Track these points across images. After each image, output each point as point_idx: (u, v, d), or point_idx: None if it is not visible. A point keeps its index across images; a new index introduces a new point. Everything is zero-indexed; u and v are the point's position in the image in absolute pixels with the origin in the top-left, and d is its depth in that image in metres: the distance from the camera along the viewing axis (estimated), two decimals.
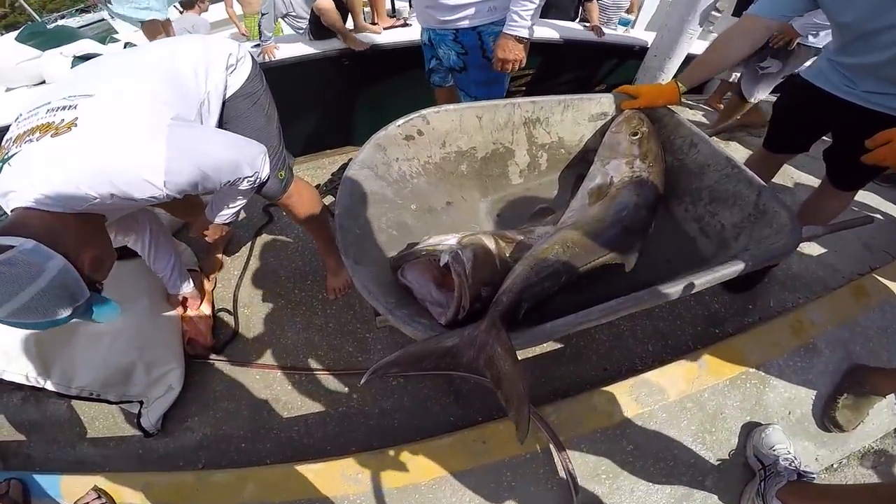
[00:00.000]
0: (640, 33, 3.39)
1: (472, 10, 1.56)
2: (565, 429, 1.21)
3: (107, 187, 0.85)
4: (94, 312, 0.90)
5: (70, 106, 0.87)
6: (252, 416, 1.54)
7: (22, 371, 1.35)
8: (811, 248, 1.84)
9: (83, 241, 0.88)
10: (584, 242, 1.10)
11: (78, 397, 1.44)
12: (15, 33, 4.27)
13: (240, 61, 1.19)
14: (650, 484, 1.18)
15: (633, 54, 3.15)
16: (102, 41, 4.06)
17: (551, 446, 1.17)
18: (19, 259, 0.75)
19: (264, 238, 2.04)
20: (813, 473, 1.10)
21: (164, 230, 1.49)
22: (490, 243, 1.04)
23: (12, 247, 0.75)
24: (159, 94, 0.97)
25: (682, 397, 1.26)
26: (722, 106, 2.83)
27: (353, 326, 1.70)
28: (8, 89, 3.93)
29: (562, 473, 1.16)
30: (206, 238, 1.44)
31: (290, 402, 1.55)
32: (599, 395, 1.27)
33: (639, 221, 1.20)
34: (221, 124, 1.18)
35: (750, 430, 1.25)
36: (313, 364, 1.62)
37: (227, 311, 1.79)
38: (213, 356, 1.67)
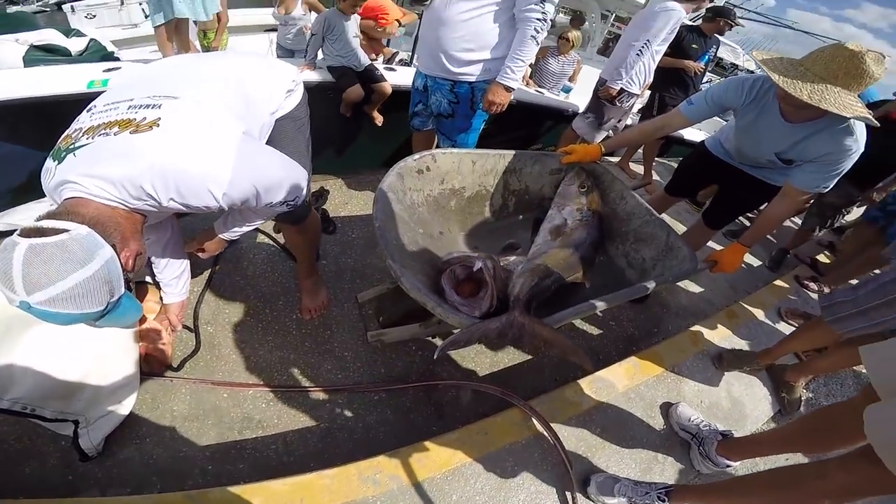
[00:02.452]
0: (576, 99, 3.98)
1: (476, 67, 1.88)
2: (548, 417, 1.45)
3: (171, 189, 0.87)
4: (120, 310, 0.86)
5: (154, 105, 0.90)
6: (220, 435, 1.44)
7: None
8: (693, 287, 2.51)
9: (129, 237, 0.87)
10: (557, 265, 1.44)
11: (7, 411, 1.18)
12: None
13: (296, 86, 1.29)
14: (622, 457, 1.48)
15: (568, 117, 3.66)
16: (66, 34, 3.56)
17: (544, 431, 1.41)
18: (72, 244, 0.74)
19: (227, 257, 1.97)
20: (729, 431, 1.51)
21: (179, 235, 1.40)
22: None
23: (66, 230, 0.75)
24: (234, 108, 1.03)
25: (626, 390, 1.65)
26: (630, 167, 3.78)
27: (331, 345, 1.73)
28: None
29: (555, 453, 1.39)
30: (202, 253, 1.40)
31: (264, 420, 1.50)
32: (569, 388, 1.58)
33: (589, 254, 1.59)
34: (267, 142, 1.22)
35: (666, 410, 1.66)
36: (290, 382, 1.60)
37: (188, 329, 1.68)
38: (171, 374, 1.54)
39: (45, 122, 2.98)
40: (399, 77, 3.15)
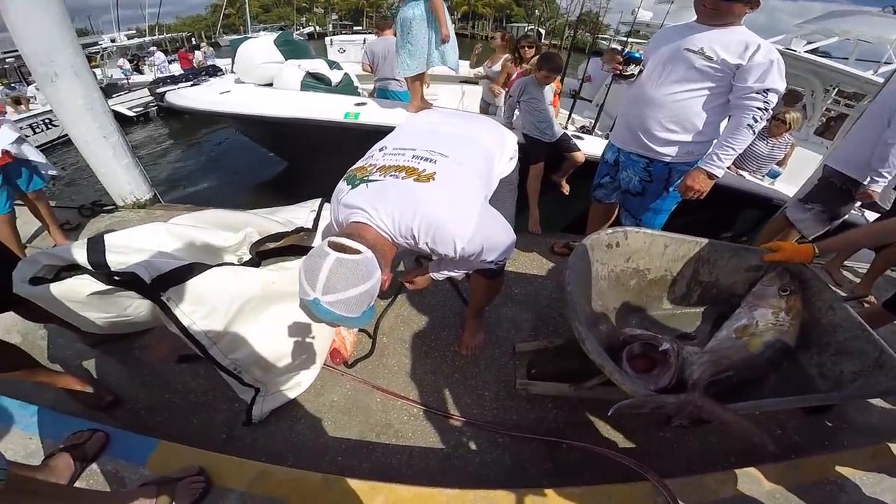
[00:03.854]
0: (783, 186, 3.43)
1: (676, 149, 1.81)
2: (681, 498, 1.29)
3: (429, 235, 1.02)
4: (363, 318, 1.01)
5: (431, 160, 1.09)
6: (360, 433, 1.60)
7: (205, 328, 1.33)
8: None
9: (386, 265, 1.03)
10: (740, 362, 1.37)
11: (223, 368, 1.42)
12: (274, 35, 4.78)
13: (516, 153, 1.44)
14: None
15: (772, 207, 3.22)
16: (330, 66, 4.48)
17: None
18: (362, 264, 0.91)
19: None
20: None
21: None
22: None
23: (359, 252, 0.92)
24: (481, 173, 1.20)
25: (772, 490, 1.38)
26: (841, 274, 3.00)
27: (476, 382, 1.80)
28: (237, 81, 4.36)
29: None
30: (411, 285, 1.53)
31: (401, 430, 1.61)
32: (711, 475, 1.39)
33: (776, 358, 1.43)
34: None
35: None
36: (433, 404, 1.70)
37: (367, 334, 1.94)
38: (344, 369, 1.78)
39: (307, 140, 3.81)
40: (585, 145, 3.16)
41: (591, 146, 3.17)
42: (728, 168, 2.81)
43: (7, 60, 11.95)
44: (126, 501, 1.13)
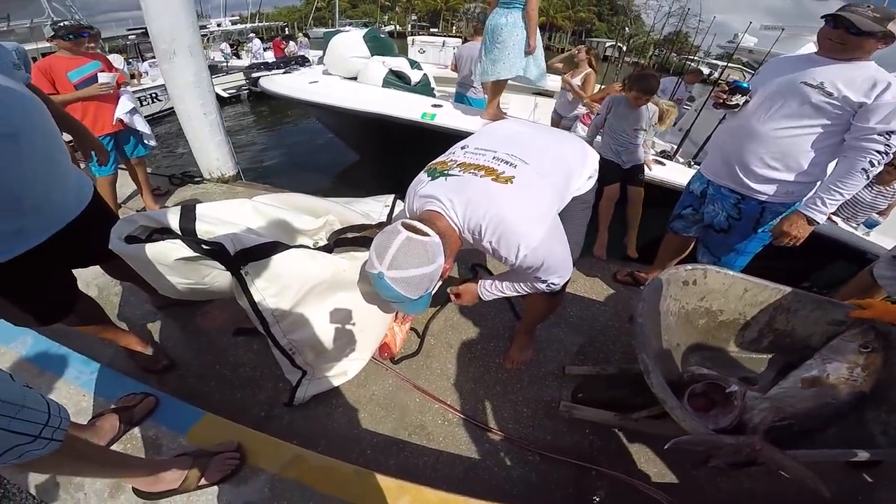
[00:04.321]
0: (879, 238, 3.05)
1: (774, 187, 1.67)
2: None
3: (494, 235, 1.05)
4: (420, 304, 1.08)
5: (511, 163, 1.12)
6: (394, 430, 1.61)
7: (273, 305, 1.36)
8: None
9: (450, 255, 1.08)
10: (804, 412, 1.33)
11: (279, 346, 1.46)
12: (363, 31, 4.96)
13: (595, 172, 1.40)
14: None
15: (863, 259, 2.81)
16: (411, 65, 4.64)
17: None
18: (429, 246, 0.97)
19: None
20: None
21: None
22: None
23: (428, 235, 0.98)
24: (559, 187, 1.20)
25: None
26: None
27: (516, 397, 1.77)
28: (325, 72, 4.62)
29: None
30: (456, 298, 1.55)
31: (433, 433, 1.62)
32: None
33: (843, 412, 1.36)
34: None
35: None
36: (469, 412, 1.69)
37: (416, 333, 1.96)
38: (390, 365, 1.82)
39: (382, 135, 3.94)
40: (666, 172, 3.01)
41: (671, 173, 3.02)
42: None
43: (130, 38, 13.36)
44: (159, 470, 1.16)
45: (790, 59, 1.70)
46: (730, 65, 6.77)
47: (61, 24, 2.47)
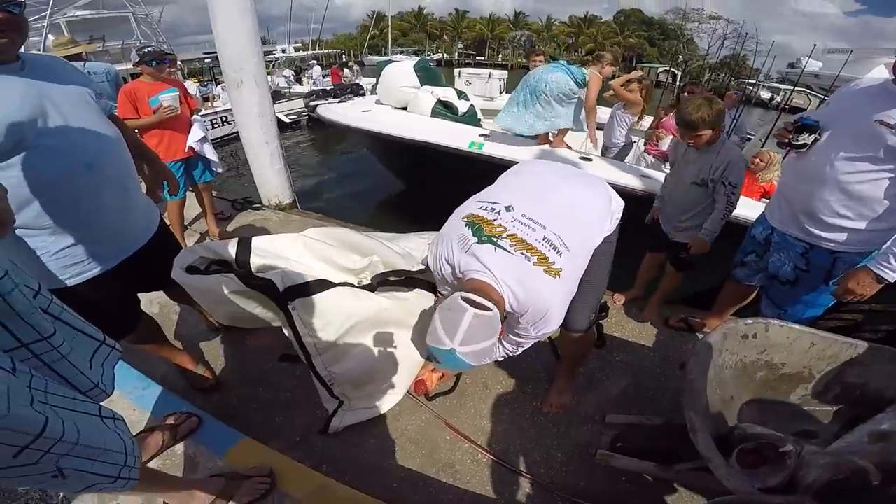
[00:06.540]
0: None
1: (846, 236, 1.50)
2: None
3: (530, 324, 1.19)
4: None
5: (558, 251, 1.15)
6: (422, 466, 1.60)
7: (316, 339, 1.41)
8: None
9: (501, 321, 1.11)
10: (864, 469, 1.18)
11: (318, 377, 1.53)
12: (414, 60, 5.16)
13: (621, 212, 1.37)
14: None
15: None
16: (458, 96, 4.79)
17: None
18: (492, 321, 1.03)
19: None
20: None
21: None
22: None
23: (490, 309, 1.03)
24: (587, 254, 1.25)
25: None
26: None
27: (551, 441, 1.71)
28: (378, 102, 4.81)
29: None
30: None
31: (461, 472, 1.59)
32: None
33: None
34: None
35: None
36: (499, 453, 1.66)
37: None
38: (424, 401, 1.81)
39: (430, 164, 4.01)
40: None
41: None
42: None
43: (206, 61, 14.39)
44: (193, 488, 1.21)
45: (861, 91, 1.51)
46: (796, 88, 6.40)
47: (146, 51, 2.66)
